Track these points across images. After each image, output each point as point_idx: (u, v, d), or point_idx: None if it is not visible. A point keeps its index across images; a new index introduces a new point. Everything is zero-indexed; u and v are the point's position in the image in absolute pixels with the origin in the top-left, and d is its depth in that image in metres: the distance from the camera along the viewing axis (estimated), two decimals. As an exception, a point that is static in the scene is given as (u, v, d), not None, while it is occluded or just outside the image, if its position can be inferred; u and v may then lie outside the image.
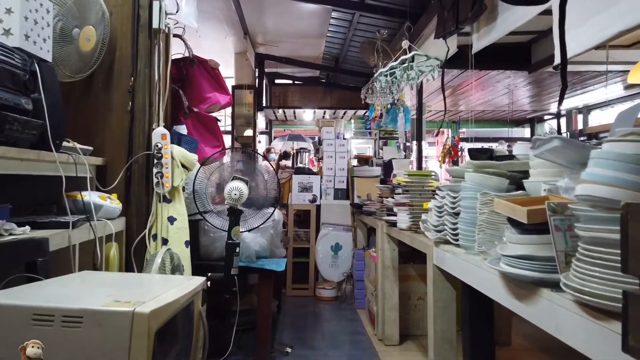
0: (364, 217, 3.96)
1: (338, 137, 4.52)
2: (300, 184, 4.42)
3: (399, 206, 2.69)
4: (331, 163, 4.50)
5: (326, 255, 4.34)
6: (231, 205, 2.35)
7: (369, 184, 4.36)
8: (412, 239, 2.36)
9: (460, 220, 1.64)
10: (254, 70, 8.38)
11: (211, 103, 2.63)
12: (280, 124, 10.28)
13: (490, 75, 6.04)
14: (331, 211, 4.45)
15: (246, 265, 2.58)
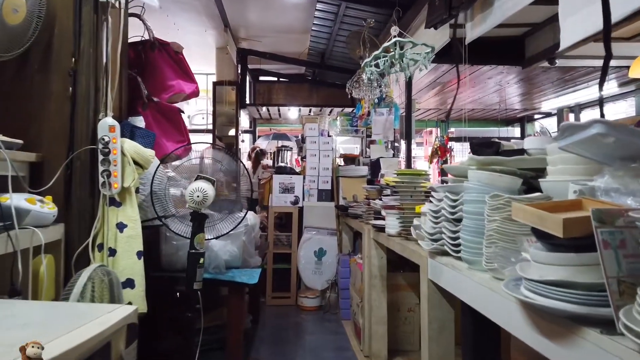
0: (350, 220, 3.66)
1: (322, 134, 4.22)
2: (281, 185, 4.11)
3: (388, 209, 2.39)
4: (315, 162, 4.19)
5: (309, 261, 4.03)
6: (194, 209, 2.03)
7: (355, 184, 4.06)
8: (403, 247, 2.06)
9: (463, 229, 1.35)
10: (236, 66, 8.05)
11: (174, 92, 2.30)
12: (264, 122, 9.95)
13: (480, 72, 5.79)
14: (314, 214, 4.14)
15: (213, 277, 2.26)
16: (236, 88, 7.94)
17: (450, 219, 1.48)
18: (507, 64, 5.26)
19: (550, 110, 8.71)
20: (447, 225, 1.49)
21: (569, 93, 7.15)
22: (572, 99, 7.34)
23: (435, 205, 1.61)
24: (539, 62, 4.99)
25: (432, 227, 1.61)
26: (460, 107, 8.61)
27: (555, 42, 4.59)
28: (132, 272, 1.84)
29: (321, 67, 8.28)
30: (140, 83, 2.26)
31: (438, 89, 7.05)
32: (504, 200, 1.12)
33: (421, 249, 1.76)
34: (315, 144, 4.20)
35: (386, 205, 2.40)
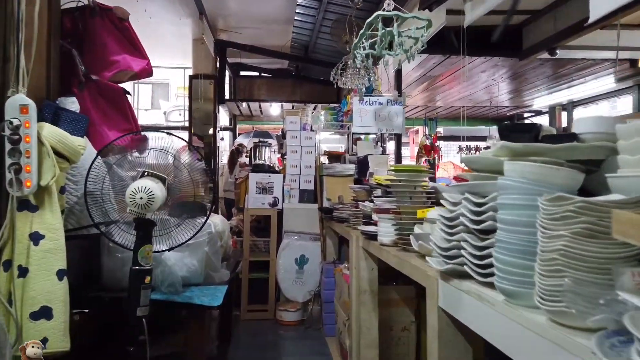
0: (335, 224, 3.25)
1: (304, 129, 3.81)
2: (258, 185, 3.68)
3: (381, 214, 1.99)
4: (296, 159, 3.77)
5: (289, 269, 3.61)
6: (136, 214, 1.59)
7: (341, 184, 3.66)
8: (402, 261, 1.66)
9: (498, 245, 0.94)
10: (215, 59, 7.58)
11: (119, 69, 1.86)
12: (245, 119, 9.49)
13: (474, 64, 5.45)
14: (296, 217, 3.72)
15: (166, 298, 1.82)
16: (214, 82, 7.47)
17: (474, 229, 1.08)
18: (503, 55, 4.92)
19: (541, 109, 8.45)
20: (468, 238, 1.09)
21: (563, 89, 6.87)
22: (565, 95, 7.06)
23: (450, 211, 1.21)
24: (538, 53, 4.66)
25: (445, 239, 1.21)
26: (449, 105, 8.28)
27: (556, 30, 4.25)
28: (49, 298, 1.40)
29: (305, 61, 7.86)
30: (75, 57, 1.81)
31: (427, 84, 6.69)
32: (576, 206, 0.72)
33: (427, 266, 1.36)
34: (297, 139, 3.77)
35: (379, 209, 2.00)
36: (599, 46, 4.48)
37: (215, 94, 7.49)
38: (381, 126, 3.20)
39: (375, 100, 3.23)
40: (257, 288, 3.67)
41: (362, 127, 3.26)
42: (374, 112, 3.21)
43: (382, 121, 3.20)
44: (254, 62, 8.90)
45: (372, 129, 3.28)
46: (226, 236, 2.54)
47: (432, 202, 1.83)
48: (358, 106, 3.23)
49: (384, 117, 3.19)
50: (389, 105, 3.20)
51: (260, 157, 3.79)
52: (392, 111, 3.21)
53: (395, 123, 3.18)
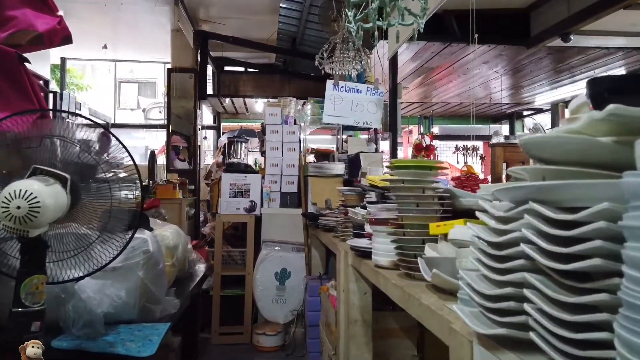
0: (321, 233, 2.75)
1: (287, 122, 3.30)
2: (232, 187, 3.16)
3: (376, 225, 1.49)
4: (277, 157, 3.26)
5: (268, 285, 3.10)
6: (12, 231, 1.08)
7: (329, 186, 3.16)
8: (407, 296, 1.15)
9: (625, 314, 0.44)
10: (195, 51, 7.06)
11: (17, 28, 1.34)
12: (230, 117, 8.95)
13: (474, 55, 4.98)
14: (276, 224, 3.21)
15: (76, 346, 1.30)
16: (194, 76, 6.95)
17: (550, 268, 0.58)
18: (509, 43, 4.46)
19: (542, 106, 8.02)
20: (540, 284, 0.59)
21: (566, 84, 6.44)
22: (569, 91, 6.62)
23: (497, 232, 0.71)
24: (548, 40, 4.20)
25: (492, 281, 0.71)
26: (446, 101, 7.82)
27: (570, 13, 3.79)
28: None
29: (292, 54, 7.35)
30: (-48, 10, 1.29)
31: (423, 78, 6.22)
32: None
33: (450, 311, 0.87)
34: (278, 133, 3.26)
35: (374, 219, 1.50)
36: (616, 31, 4.03)
37: (195, 89, 6.97)
38: (357, 118, 2.70)
39: (353, 87, 2.73)
40: (231, 307, 3.16)
41: (333, 117, 2.76)
42: (350, 101, 2.72)
43: (358, 112, 2.70)
44: (239, 57, 8.38)
45: (345, 120, 2.77)
46: (181, 251, 2.02)
47: (443, 211, 1.33)
48: (331, 91, 2.73)
49: (362, 107, 2.69)
50: (368, 93, 2.70)
51: (235, 154, 3.28)
52: (371, 102, 2.71)
53: (374, 115, 2.68)
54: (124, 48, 8.23)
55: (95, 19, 6.56)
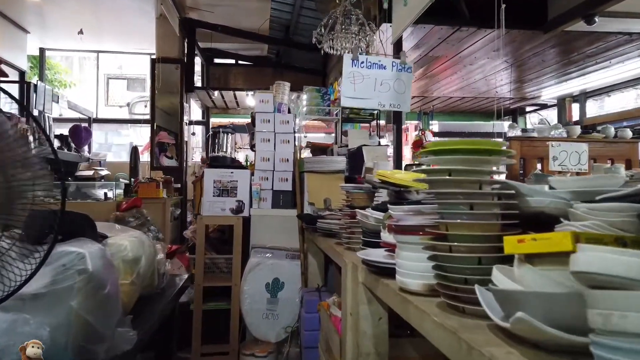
0: (319, 238, 2.34)
1: (280, 110, 2.88)
2: (217, 184, 2.73)
3: (404, 234, 1.08)
4: (268, 150, 2.84)
5: (258, 298, 2.67)
6: None
7: (328, 183, 2.74)
8: (466, 348, 0.74)
9: None
10: (182, 40, 6.61)
11: None
12: (220, 112, 8.51)
13: (482, 43, 4.59)
14: (268, 227, 2.79)
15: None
16: (181, 67, 6.51)
17: None
18: (524, 27, 4.07)
19: (547, 102, 7.66)
20: None
21: (574, 78, 6.08)
22: (577, 85, 6.25)
23: None
24: (567, 24, 3.81)
25: None
26: (448, 95, 7.43)
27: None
28: None
29: (286, 44, 6.93)
30: None
31: (424, 70, 5.82)
32: None
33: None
34: (270, 123, 2.84)
35: (401, 226, 1.09)
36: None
37: (182, 80, 6.52)
38: (382, 99, 2.28)
39: (376, 62, 2.31)
40: (215, 323, 2.73)
41: (354, 100, 2.33)
42: (374, 79, 2.29)
43: (384, 93, 2.28)
44: (229, 48, 7.93)
45: (368, 103, 2.34)
46: (146, 264, 1.60)
47: (505, 216, 0.92)
48: (350, 68, 2.30)
49: (387, 86, 2.27)
50: (394, 69, 2.27)
51: (220, 148, 2.85)
52: (398, 79, 2.28)
53: (402, 96, 2.26)
54: (107, 39, 7.75)
55: (75, 7, 6.10)
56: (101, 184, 6.76)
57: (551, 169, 3.77)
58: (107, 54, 10.69)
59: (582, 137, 3.61)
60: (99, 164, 7.70)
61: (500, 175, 0.99)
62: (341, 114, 3.77)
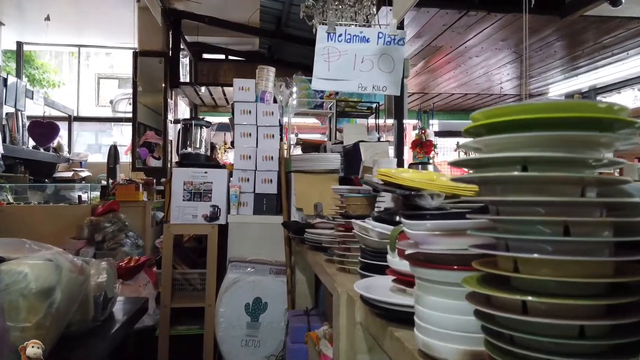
0: (309, 252, 1.92)
1: (263, 99, 2.46)
2: (187, 186, 2.31)
3: (427, 267, 0.66)
4: (248, 146, 2.42)
5: (236, 322, 2.25)
6: None
7: (320, 185, 2.32)
8: None
9: None
10: (166, 32, 6.19)
11: None
12: (209, 110, 8.08)
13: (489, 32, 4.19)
14: (248, 236, 2.37)
15: None
16: (165, 61, 6.08)
17: None
18: (538, 12, 3.67)
19: (552, 99, 7.28)
20: None
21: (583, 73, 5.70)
22: (588, 80, 5.88)
23: None
24: (587, 7, 3.42)
25: None
26: (449, 92, 7.04)
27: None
28: None
29: (277, 37, 6.52)
30: None
31: (424, 64, 5.42)
32: None
33: None
34: (251, 115, 2.42)
35: (421, 253, 0.67)
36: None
37: (166, 75, 6.10)
38: (363, 81, 1.83)
39: (357, 33, 1.86)
40: (185, 351, 2.30)
41: (327, 81, 1.89)
42: (353, 54, 1.86)
43: (365, 72, 1.84)
44: (219, 42, 7.50)
45: (347, 85, 1.89)
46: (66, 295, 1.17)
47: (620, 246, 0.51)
48: (325, 43, 1.87)
49: (370, 64, 1.83)
50: (380, 42, 1.83)
51: (193, 143, 2.42)
52: (384, 55, 1.84)
53: (389, 76, 1.82)
54: (89, 32, 7.32)
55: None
56: (81, 185, 6.32)
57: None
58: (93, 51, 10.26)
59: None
60: (80, 165, 7.26)
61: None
62: (335, 108, 3.36)
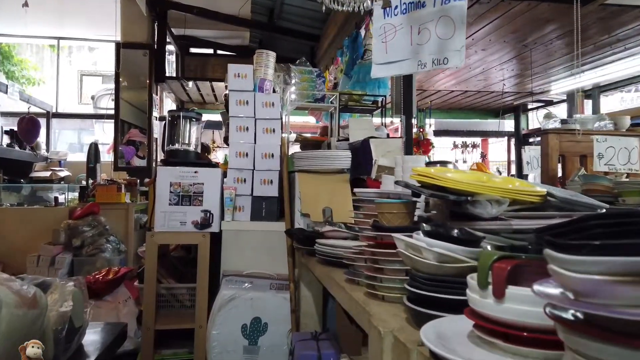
0: (317, 266, 1.61)
1: (262, 89, 2.14)
2: (173, 188, 1.98)
3: (605, 342, 0.36)
4: (245, 143, 2.10)
5: (232, 346, 1.93)
6: None
7: (329, 186, 2.02)
8: None
9: None
10: (151, 24, 5.83)
11: None
12: (197, 107, 7.70)
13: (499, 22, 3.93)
14: (245, 246, 2.06)
15: None
16: (150, 53, 5.72)
17: None
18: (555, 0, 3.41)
19: (553, 97, 7.08)
20: None
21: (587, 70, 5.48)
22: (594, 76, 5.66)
23: None
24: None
25: None
26: (448, 89, 6.78)
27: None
28: None
29: (269, 29, 6.19)
30: None
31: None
32: None
33: None
34: (248, 106, 2.10)
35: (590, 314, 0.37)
36: None
37: (151, 69, 5.73)
38: (423, 57, 1.51)
39: (412, 0, 1.55)
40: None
41: (387, 66, 1.58)
42: (409, 27, 1.56)
43: (424, 45, 1.52)
44: (207, 36, 7.16)
45: (406, 66, 1.56)
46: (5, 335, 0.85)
47: None
48: (382, 21, 1.57)
49: (427, 34, 1.52)
50: (437, 3, 1.49)
51: (179, 138, 2.10)
52: (443, 18, 1.51)
53: (450, 43, 1.49)
54: (69, 22, 6.92)
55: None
56: (60, 186, 5.92)
57: (596, 169, 3.10)
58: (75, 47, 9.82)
59: (632, 129, 2.96)
60: (59, 164, 6.85)
61: None
62: (338, 102, 3.06)
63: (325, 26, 5.59)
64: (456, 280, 0.83)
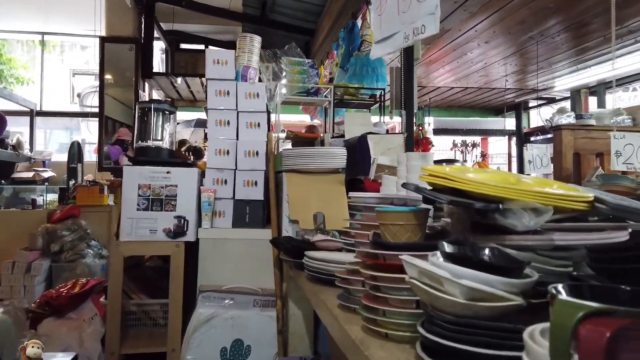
0: (306, 283, 1.36)
1: (246, 78, 1.89)
2: (142, 190, 1.73)
3: None
4: (226, 139, 1.84)
5: (209, 373, 1.68)
6: None
7: (321, 188, 1.76)
8: None
9: None
10: (138, 17, 5.56)
11: None
12: (187, 105, 7.42)
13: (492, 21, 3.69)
14: (225, 257, 1.80)
15: None
16: (136, 48, 5.44)
17: None
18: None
19: (556, 95, 6.85)
20: None
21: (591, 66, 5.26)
22: (601, 72, 5.43)
23: None
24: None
25: None
26: (448, 86, 6.54)
27: None
28: None
29: (262, 23, 5.93)
30: None
31: (424, 53, 4.91)
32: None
33: None
34: (229, 96, 1.85)
35: None
36: None
37: (137, 64, 5.46)
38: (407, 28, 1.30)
39: None
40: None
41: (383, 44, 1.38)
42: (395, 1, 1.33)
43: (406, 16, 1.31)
44: (198, 31, 6.89)
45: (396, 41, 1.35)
46: None
47: None
48: None
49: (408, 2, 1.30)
50: None
51: (150, 134, 1.83)
52: None
53: (426, 8, 1.27)
54: (53, 17, 6.64)
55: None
56: (43, 188, 5.66)
57: (614, 168, 2.85)
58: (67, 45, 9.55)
59: (652, 125, 2.72)
60: (43, 165, 6.57)
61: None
62: (333, 95, 2.81)
63: (320, 19, 5.33)
64: (493, 327, 0.58)
